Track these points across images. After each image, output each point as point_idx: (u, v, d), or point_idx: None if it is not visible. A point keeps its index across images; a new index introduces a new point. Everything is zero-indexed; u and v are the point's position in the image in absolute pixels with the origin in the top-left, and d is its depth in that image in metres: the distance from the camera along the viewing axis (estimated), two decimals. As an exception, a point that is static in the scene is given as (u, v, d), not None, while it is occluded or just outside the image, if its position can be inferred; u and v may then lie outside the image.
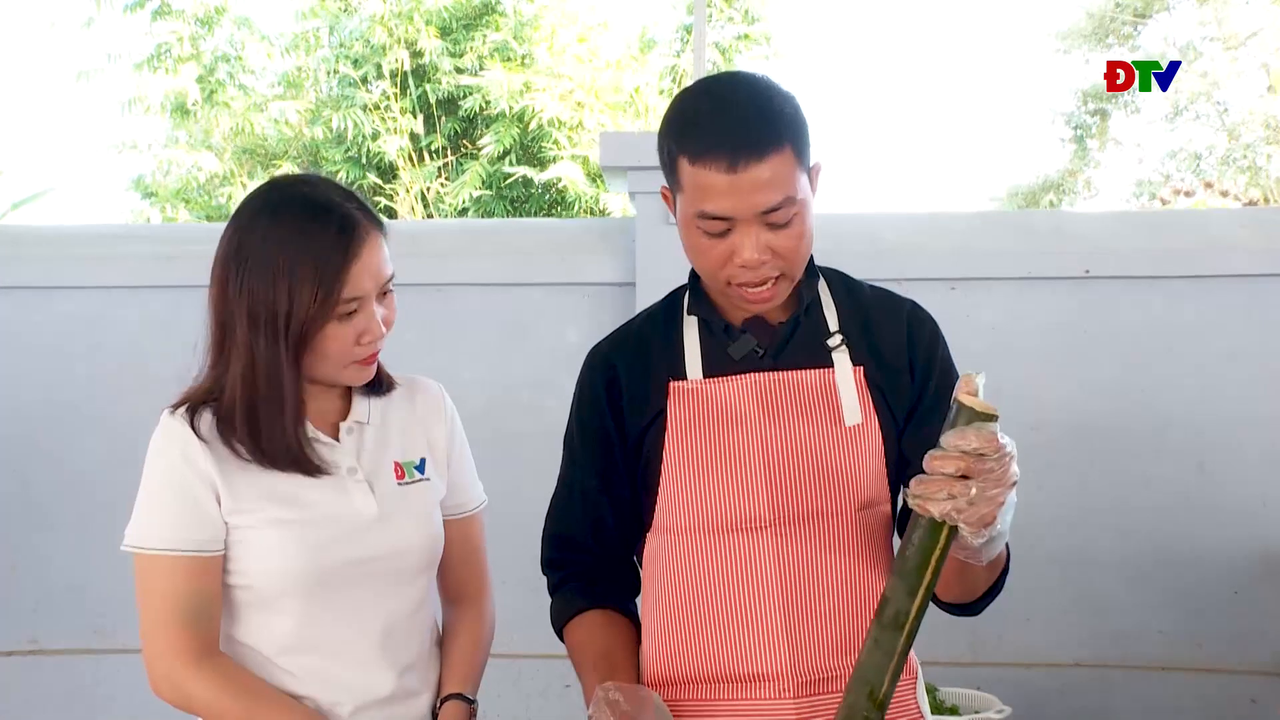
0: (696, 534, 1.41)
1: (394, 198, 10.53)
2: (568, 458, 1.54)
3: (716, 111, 1.34)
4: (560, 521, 1.53)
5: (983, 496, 1.06)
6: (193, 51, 11.52)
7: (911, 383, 1.44)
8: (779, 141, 1.31)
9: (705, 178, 1.31)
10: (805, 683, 1.38)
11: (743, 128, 1.31)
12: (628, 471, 1.48)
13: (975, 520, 1.07)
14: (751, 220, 1.32)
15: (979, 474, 1.06)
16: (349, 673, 1.41)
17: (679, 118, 1.38)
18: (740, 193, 1.30)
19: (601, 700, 1.30)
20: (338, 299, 1.34)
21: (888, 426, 1.42)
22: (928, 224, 3.36)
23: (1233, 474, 3.12)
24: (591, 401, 1.49)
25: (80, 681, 3.29)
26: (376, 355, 1.43)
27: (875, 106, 37.01)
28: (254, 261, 1.35)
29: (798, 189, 1.33)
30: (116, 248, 3.40)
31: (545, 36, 10.94)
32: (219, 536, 1.37)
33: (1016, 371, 3.12)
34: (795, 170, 1.33)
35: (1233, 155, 14.82)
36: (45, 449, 3.33)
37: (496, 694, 3.21)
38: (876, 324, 1.46)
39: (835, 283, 1.50)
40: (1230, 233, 3.22)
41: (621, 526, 1.50)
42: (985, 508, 1.07)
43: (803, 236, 1.36)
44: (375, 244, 1.38)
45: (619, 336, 1.53)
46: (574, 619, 1.49)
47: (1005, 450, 1.07)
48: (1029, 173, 17.42)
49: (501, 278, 3.29)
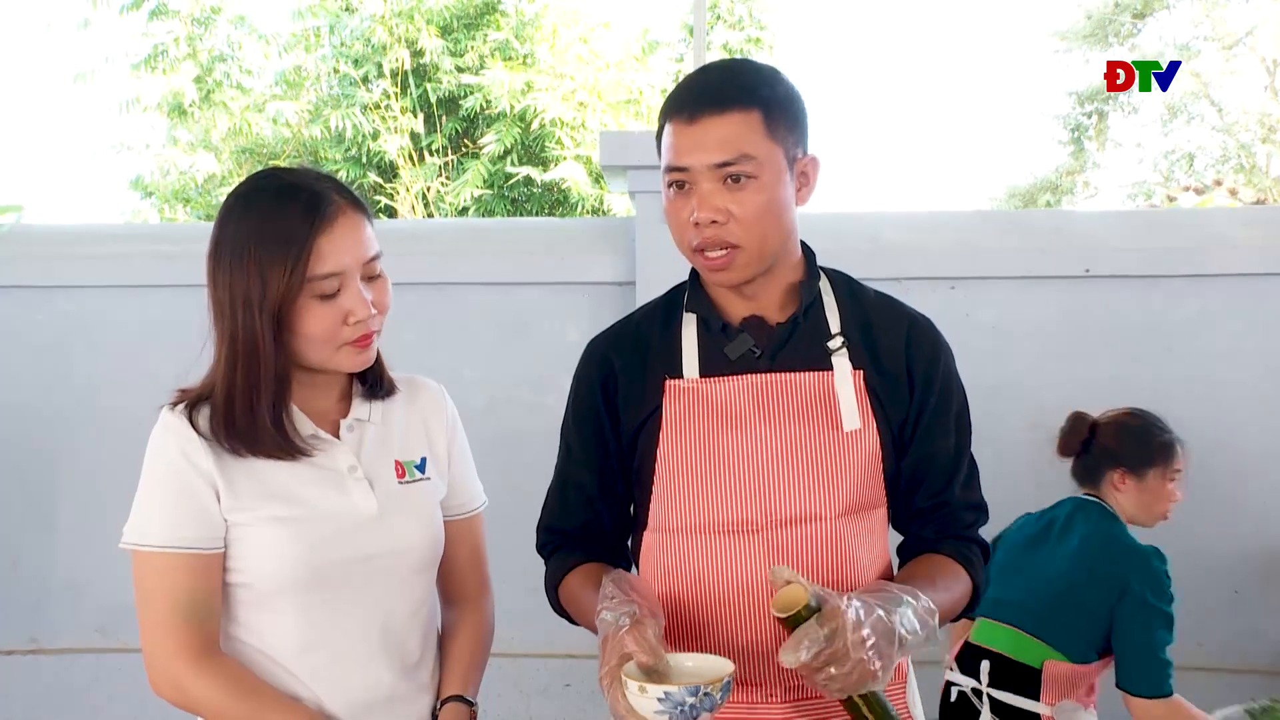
0: (687, 534, 1.40)
1: (394, 197, 10.52)
2: (564, 451, 1.53)
3: (697, 75, 1.41)
4: (554, 514, 1.54)
5: (844, 674, 1.13)
6: (189, 51, 11.52)
7: (909, 392, 1.42)
8: (745, 103, 1.34)
9: (671, 132, 1.37)
10: (793, 689, 1.39)
11: (709, 85, 1.37)
12: (622, 468, 1.48)
13: (861, 681, 1.14)
14: (707, 174, 1.34)
15: (832, 662, 1.13)
16: (349, 671, 1.41)
17: (671, 90, 1.43)
18: (697, 144, 1.34)
19: (608, 581, 1.30)
20: (306, 271, 1.32)
21: (884, 431, 1.41)
22: (928, 223, 3.36)
23: (1233, 473, 3.12)
24: (587, 396, 1.49)
25: (81, 680, 3.30)
26: (370, 339, 1.40)
27: (875, 106, 37.01)
28: (230, 251, 1.35)
29: (760, 152, 1.34)
30: (116, 247, 3.40)
31: (547, 36, 10.93)
32: (218, 534, 1.37)
33: (1016, 370, 3.12)
34: (761, 135, 1.34)
35: (1228, 154, 14.83)
36: (46, 448, 3.33)
37: (496, 693, 3.23)
38: (877, 328, 1.45)
39: (839, 284, 1.49)
40: (1230, 231, 3.22)
41: (615, 522, 1.50)
42: (858, 673, 1.13)
43: (765, 206, 1.35)
44: (351, 221, 1.36)
45: (617, 331, 1.53)
46: (568, 574, 1.49)
47: (831, 631, 1.13)
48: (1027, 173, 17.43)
49: (502, 277, 3.29)
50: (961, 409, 1.47)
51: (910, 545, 1.48)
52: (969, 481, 1.47)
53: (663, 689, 1.15)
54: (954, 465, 1.45)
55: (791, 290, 1.44)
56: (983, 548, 1.47)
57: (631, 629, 1.19)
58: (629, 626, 1.20)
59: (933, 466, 1.43)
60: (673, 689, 1.15)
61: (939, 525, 1.45)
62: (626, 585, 1.29)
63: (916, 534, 1.47)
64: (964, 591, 1.42)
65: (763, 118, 1.34)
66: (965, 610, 1.44)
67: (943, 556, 1.43)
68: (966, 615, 1.46)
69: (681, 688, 1.15)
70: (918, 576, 1.37)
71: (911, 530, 1.48)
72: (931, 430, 1.43)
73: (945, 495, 1.44)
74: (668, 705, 1.15)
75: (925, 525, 1.46)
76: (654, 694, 1.15)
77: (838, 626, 1.13)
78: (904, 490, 1.45)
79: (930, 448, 1.43)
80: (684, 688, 1.15)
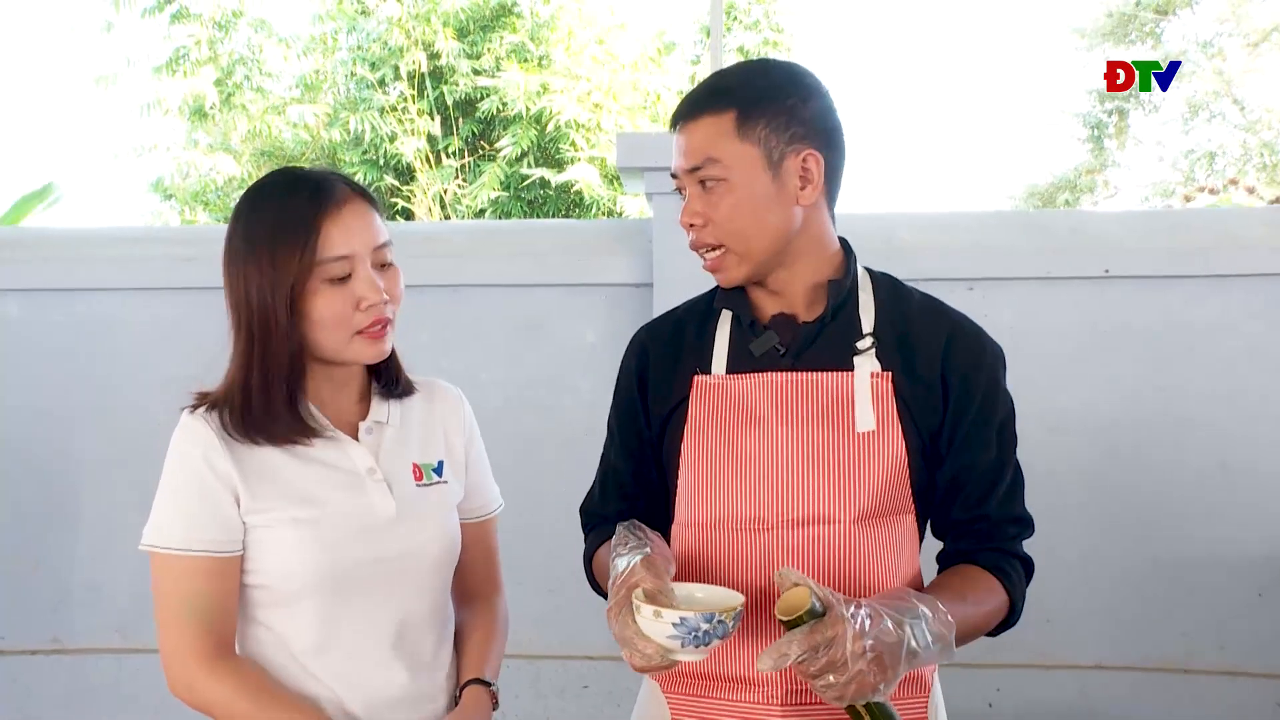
0: (705, 529, 1.40)
1: (411, 199, 10.56)
2: (608, 438, 1.56)
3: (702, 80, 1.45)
4: (594, 499, 1.58)
5: (842, 683, 1.12)
6: (210, 55, 11.60)
7: (944, 400, 1.39)
8: (719, 106, 1.36)
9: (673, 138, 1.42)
10: (793, 690, 1.38)
11: (695, 91, 1.41)
12: (656, 458, 1.49)
13: (861, 692, 1.12)
14: (688, 180, 1.39)
15: (830, 670, 1.11)
16: (366, 671, 1.41)
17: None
18: (679, 151, 1.40)
19: (622, 529, 1.32)
20: (315, 255, 1.34)
21: (911, 437, 1.38)
22: (946, 223, 3.34)
23: (1256, 474, 3.09)
24: (625, 385, 1.52)
25: (102, 680, 3.32)
26: (384, 328, 1.41)
27: (893, 106, 36.87)
28: (243, 246, 1.37)
29: (728, 154, 1.35)
30: (135, 250, 3.42)
31: (562, 38, 10.95)
32: (236, 537, 1.38)
33: (1035, 372, 3.10)
34: (731, 137, 1.35)
35: (1250, 153, 14.71)
36: (65, 449, 3.36)
37: (515, 694, 3.23)
38: (915, 332, 1.42)
39: (882, 285, 1.47)
40: (1250, 231, 3.19)
41: (651, 511, 1.50)
42: (854, 685, 1.12)
43: (737, 208, 1.36)
44: (357, 207, 1.39)
45: (659, 322, 1.55)
46: (600, 547, 1.50)
47: (830, 639, 1.11)
48: (1047, 172, 17.34)
49: (519, 279, 3.29)
50: (1006, 419, 1.43)
51: (948, 556, 1.45)
52: (1011, 494, 1.43)
53: (678, 614, 1.15)
54: (995, 477, 1.41)
55: (823, 289, 1.43)
56: (1025, 562, 1.43)
57: (643, 561, 1.22)
58: (641, 559, 1.22)
59: (971, 478, 1.40)
60: (688, 614, 1.15)
61: (978, 538, 1.42)
62: (640, 531, 1.32)
63: (954, 544, 1.44)
64: (998, 606, 1.38)
65: (736, 118, 1.35)
66: (1001, 626, 1.41)
67: (978, 569, 1.40)
68: (1004, 630, 1.43)
69: (697, 614, 1.15)
70: (947, 588, 1.34)
71: (949, 541, 1.45)
72: (971, 441, 1.39)
73: (984, 508, 1.41)
74: (682, 630, 1.15)
75: (963, 537, 1.43)
76: (669, 619, 1.15)
77: (837, 634, 1.11)
78: (941, 501, 1.43)
79: (969, 458, 1.40)
80: (699, 614, 1.15)
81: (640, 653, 1.18)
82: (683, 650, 1.17)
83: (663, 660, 1.18)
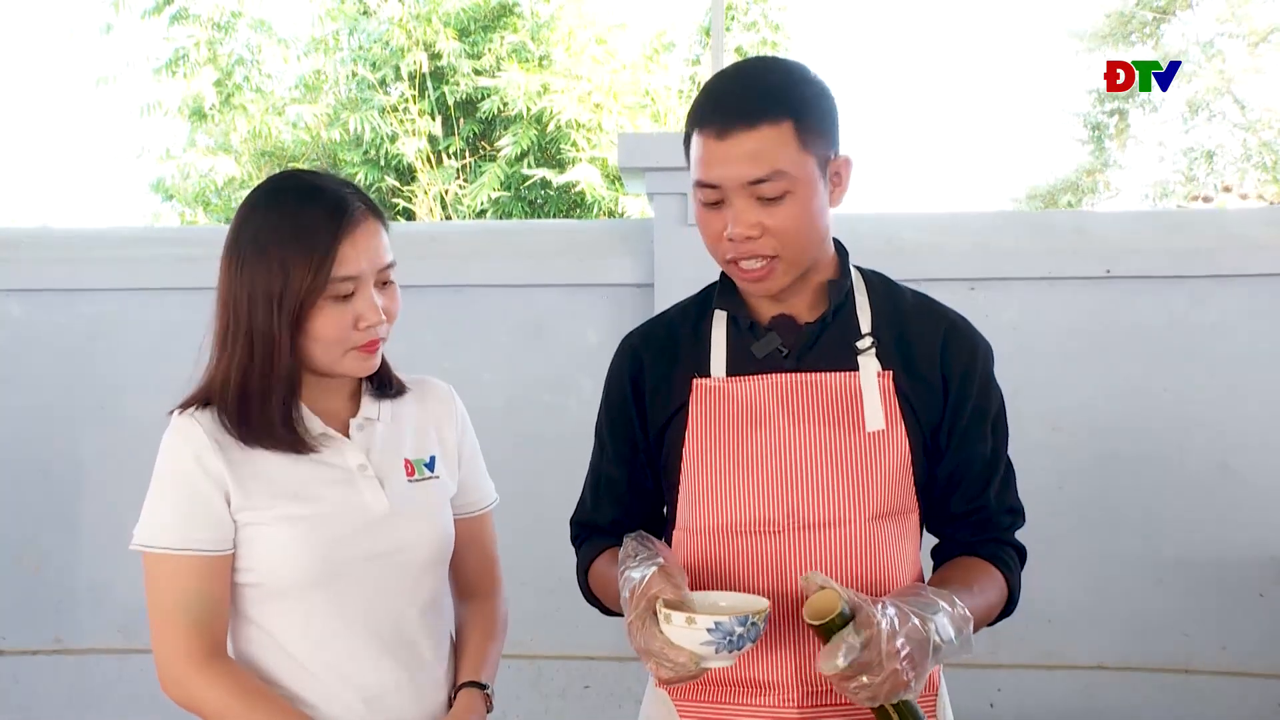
0: (711, 534, 1.39)
1: (412, 200, 10.56)
2: (597, 447, 1.54)
3: (725, 82, 1.37)
4: (585, 509, 1.55)
5: (877, 683, 1.13)
6: (210, 55, 11.60)
7: (944, 397, 1.40)
8: (776, 115, 1.30)
9: (700, 145, 1.33)
10: (810, 693, 1.37)
11: (740, 97, 1.32)
12: (651, 464, 1.48)
13: (894, 691, 1.13)
14: (740, 191, 1.31)
15: (864, 671, 1.12)
16: (361, 668, 1.41)
17: (698, 94, 1.40)
18: (728, 160, 1.30)
19: (629, 540, 1.31)
20: (329, 274, 1.34)
21: (914, 435, 1.38)
22: (947, 224, 3.34)
23: (1257, 474, 3.09)
24: (618, 391, 1.49)
25: (103, 680, 3.32)
26: (377, 345, 1.42)
27: (894, 106, 36.89)
28: (252, 247, 1.37)
29: (793, 165, 1.30)
30: (137, 250, 3.42)
31: (563, 38, 10.95)
32: (227, 536, 1.38)
33: (1037, 372, 3.10)
34: (793, 147, 1.30)
35: (1250, 152, 14.70)
36: (68, 450, 3.36)
37: (516, 694, 3.23)
38: (912, 330, 1.42)
39: (875, 284, 1.47)
40: (1252, 231, 3.19)
41: (646, 518, 1.50)
42: (891, 683, 1.13)
43: (800, 218, 1.32)
44: (370, 228, 1.39)
45: (650, 327, 1.52)
46: (597, 559, 1.49)
47: (865, 640, 1.12)
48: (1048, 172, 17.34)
49: (520, 279, 3.29)
50: (999, 412, 1.44)
51: (946, 548, 1.46)
52: (1006, 485, 1.45)
53: (713, 619, 1.15)
54: (991, 469, 1.43)
55: (823, 290, 1.42)
56: (1019, 550, 1.45)
57: (659, 571, 1.20)
58: (656, 570, 1.20)
59: (970, 471, 1.42)
60: (723, 619, 1.15)
61: (976, 529, 1.43)
62: (649, 542, 1.30)
63: (952, 537, 1.45)
64: (1000, 595, 1.40)
65: (795, 128, 1.30)
66: (1001, 615, 1.42)
67: (979, 560, 1.41)
68: (1002, 619, 1.44)
69: (731, 618, 1.15)
70: (953, 581, 1.35)
71: (947, 534, 1.46)
72: (969, 435, 1.40)
73: (982, 500, 1.42)
74: (717, 635, 1.15)
75: (961, 529, 1.44)
76: (703, 625, 1.15)
77: (872, 635, 1.12)
78: (940, 495, 1.43)
79: (968, 452, 1.41)
80: (733, 618, 1.15)
81: (670, 663, 1.17)
82: (716, 656, 1.17)
83: (694, 669, 1.17)
